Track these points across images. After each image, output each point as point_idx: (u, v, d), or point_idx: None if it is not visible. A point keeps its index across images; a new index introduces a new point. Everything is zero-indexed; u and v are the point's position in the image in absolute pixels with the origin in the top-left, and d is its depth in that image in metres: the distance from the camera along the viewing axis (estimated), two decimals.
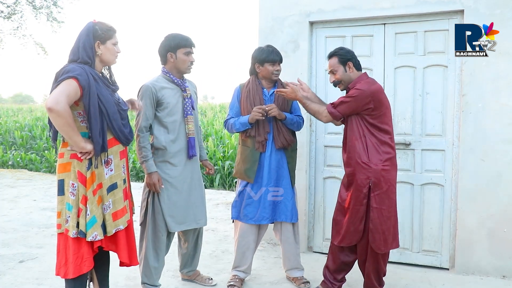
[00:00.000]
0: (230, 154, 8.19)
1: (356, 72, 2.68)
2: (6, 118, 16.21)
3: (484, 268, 3.16)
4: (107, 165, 2.21)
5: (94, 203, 2.15)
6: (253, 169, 2.90)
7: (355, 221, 2.61)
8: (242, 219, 2.96)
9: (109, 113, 2.17)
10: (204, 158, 3.05)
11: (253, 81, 2.95)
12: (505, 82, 3.04)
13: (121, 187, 2.29)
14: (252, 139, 2.91)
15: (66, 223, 2.15)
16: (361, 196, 2.59)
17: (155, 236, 2.73)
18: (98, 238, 2.15)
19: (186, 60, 2.71)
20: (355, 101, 2.57)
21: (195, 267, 3.04)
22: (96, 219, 2.15)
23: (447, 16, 3.21)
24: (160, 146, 2.69)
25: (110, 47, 2.24)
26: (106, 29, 2.21)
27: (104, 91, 2.17)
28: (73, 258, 2.13)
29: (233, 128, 2.94)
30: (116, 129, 2.22)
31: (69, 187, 2.14)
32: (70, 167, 2.14)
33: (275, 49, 2.92)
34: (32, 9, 11.48)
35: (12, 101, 55.42)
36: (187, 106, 2.76)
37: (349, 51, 2.69)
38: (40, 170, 9.59)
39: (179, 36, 2.71)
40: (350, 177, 2.66)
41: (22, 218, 4.91)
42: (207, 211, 5.30)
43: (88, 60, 2.15)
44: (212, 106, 19.36)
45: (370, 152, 2.59)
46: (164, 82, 2.72)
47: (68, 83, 2.04)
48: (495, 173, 3.09)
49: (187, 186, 2.78)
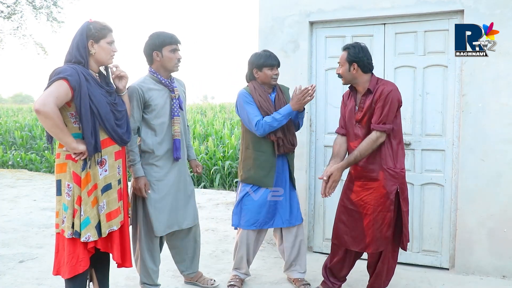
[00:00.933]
0: (230, 154, 8.19)
1: (361, 74, 2.59)
2: (6, 118, 16.20)
3: (484, 268, 3.16)
4: (101, 165, 2.20)
5: (88, 204, 2.14)
6: (271, 175, 2.85)
7: (382, 227, 2.54)
8: (243, 226, 2.90)
9: (101, 113, 2.15)
10: (192, 158, 2.98)
11: (259, 86, 2.87)
12: (505, 82, 3.04)
13: (116, 187, 2.28)
14: (269, 144, 2.83)
15: (62, 224, 2.15)
16: (388, 202, 2.53)
17: (148, 237, 2.71)
18: (91, 239, 2.14)
19: (172, 57, 2.65)
20: (393, 105, 2.51)
21: (196, 268, 3.01)
22: (89, 220, 2.14)
23: (447, 16, 3.21)
24: (147, 149, 2.64)
25: (105, 46, 2.21)
26: (100, 28, 2.20)
27: (96, 91, 2.15)
28: (69, 258, 2.13)
29: (274, 122, 2.74)
30: (109, 129, 2.21)
31: (65, 188, 2.14)
32: (66, 168, 2.14)
33: (272, 54, 2.88)
34: (32, 9, 11.48)
35: (12, 101, 55.34)
36: (175, 107, 2.70)
37: (360, 52, 2.56)
38: (40, 170, 9.59)
39: (163, 34, 2.65)
40: (371, 183, 2.57)
41: (22, 218, 4.91)
42: (207, 211, 5.35)
43: (81, 60, 2.14)
44: (212, 106, 19.37)
45: (395, 157, 2.56)
46: (151, 83, 2.65)
47: (58, 84, 2.03)
48: (495, 173, 3.09)
49: (174, 189, 2.73)
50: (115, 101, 2.28)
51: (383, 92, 2.52)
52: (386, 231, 2.55)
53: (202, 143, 9.51)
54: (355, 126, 2.65)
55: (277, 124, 2.76)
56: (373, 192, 2.56)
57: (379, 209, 2.54)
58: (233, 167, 7.96)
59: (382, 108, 2.52)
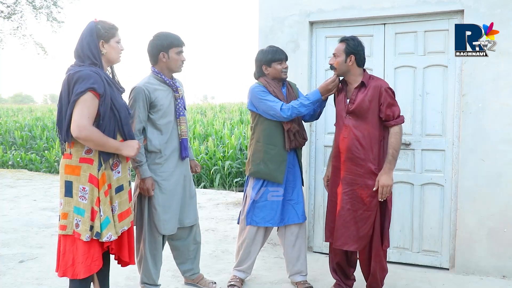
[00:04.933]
0: (230, 154, 8.19)
1: (355, 67, 2.63)
2: (6, 118, 16.23)
3: (484, 268, 3.16)
4: (115, 167, 2.21)
5: (106, 204, 2.14)
6: (281, 170, 2.81)
7: (365, 227, 2.57)
8: (259, 223, 2.87)
9: (122, 117, 2.17)
10: (191, 158, 3.00)
11: (270, 80, 2.86)
12: (505, 82, 3.04)
13: (127, 188, 2.30)
14: (281, 137, 2.81)
15: (76, 227, 2.11)
16: (374, 202, 2.56)
17: (152, 237, 2.72)
18: (113, 238, 2.15)
19: (178, 59, 2.67)
20: (394, 97, 2.61)
21: (197, 269, 3.00)
22: (109, 220, 2.14)
23: (447, 16, 3.21)
24: (154, 149, 2.64)
25: (114, 45, 2.22)
26: (109, 28, 2.20)
27: (117, 95, 2.18)
28: (83, 258, 2.10)
29: (302, 108, 2.70)
30: (126, 133, 2.22)
31: (78, 191, 2.11)
32: (79, 171, 2.11)
33: (278, 48, 2.87)
34: (32, 9, 11.50)
35: (12, 101, 55.44)
36: (180, 106, 2.71)
37: (358, 45, 2.61)
38: (40, 170, 9.60)
39: (171, 35, 2.66)
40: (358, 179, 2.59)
41: (22, 218, 4.91)
42: (207, 211, 5.35)
43: (95, 61, 2.14)
44: (212, 106, 19.40)
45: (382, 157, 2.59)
46: (156, 84, 2.66)
47: (86, 99, 2.02)
48: (495, 173, 3.09)
49: (180, 188, 2.75)
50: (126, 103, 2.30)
51: (383, 88, 2.57)
52: (368, 230, 2.58)
53: (202, 143, 9.51)
54: (345, 118, 2.67)
55: (304, 110, 2.73)
56: (360, 189, 2.58)
57: (364, 208, 2.57)
58: (233, 167, 7.96)
59: (391, 103, 2.58)
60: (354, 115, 2.62)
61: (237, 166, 7.99)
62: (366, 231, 2.58)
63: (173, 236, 2.85)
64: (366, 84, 2.61)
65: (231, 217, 5.04)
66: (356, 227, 2.58)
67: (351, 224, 2.59)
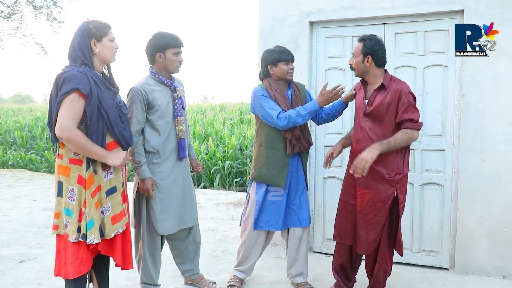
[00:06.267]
0: (230, 154, 8.19)
1: (374, 67, 2.54)
2: (6, 118, 16.23)
3: (484, 268, 3.16)
4: (106, 168, 2.19)
5: (92, 206, 2.12)
6: (283, 175, 2.79)
7: (374, 232, 2.53)
8: (263, 227, 2.86)
9: (110, 118, 2.14)
10: (193, 158, 2.99)
11: (274, 82, 2.83)
12: (505, 82, 3.04)
13: (120, 190, 2.28)
14: (283, 142, 2.79)
15: (65, 228, 2.13)
16: (385, 208, 2.51)
17: (151, 237, 2.72)
18: (95, 241, 2.13)
19: (175, 60, 2.64)
20: (415, 103, 2.51)
21: (197, 269, 3.00)
22: (93, 222, 2.12)
23: (447, 16, 3.21)
24: (152, 150, 2.64)
25: (107, 44, 2.20)
26: (100, 26, 2.18)
27: (105, 96, 2.14)
28: (72, 259, 2.12)
29: (299, 118, 2.68)
30: (117, 134, 2.20)
31: (67, 192, 2.12)
32: (69, 172, 2.12)
33: (285, 49, 2.84)
34: (32, 9, 11.50)
35: (12, 101, 55.45)
36: (177, 107, 2.69)
37: (376, 45, 2.52)
38: (40, 170, 9.59)
39: (168, 36, 2.64)
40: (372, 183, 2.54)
41: (22, 218, 4.91)
42: (207, 211, 5.35)
43: (85, 61, 2.12)
44: (212, 106, 19.40)
45: (400, 162, 2.54)
46: (153, 84, 2.64)
47: (71, 99, 2.02)
48: (495, 173, 3.09)
49: (178, 188, 2.73)
50: (120, 103, 2.27)
51: (403, 92, 2.47)
52: (377, 235, 2.54)
53: (202, 143, 9.51)
54: (361, 119, 2.61)
55: (301, 120, 2.70)
56: (371, 194, 2.53)
57: (374, 212, 2.52)
58: (233, 167, 7.96)
59: (409, 107, 2.47)
60: (370, 117, 2.56)
61: (237, 166, 7.99)
62: (375, 236, 2.54)
63: (172, 236, 2.85)
64: (386, 87, 2.52)
65: (231, 217, 5.04)
66: (365, 231, 2.55)
67: (361, 228, 2.56)
